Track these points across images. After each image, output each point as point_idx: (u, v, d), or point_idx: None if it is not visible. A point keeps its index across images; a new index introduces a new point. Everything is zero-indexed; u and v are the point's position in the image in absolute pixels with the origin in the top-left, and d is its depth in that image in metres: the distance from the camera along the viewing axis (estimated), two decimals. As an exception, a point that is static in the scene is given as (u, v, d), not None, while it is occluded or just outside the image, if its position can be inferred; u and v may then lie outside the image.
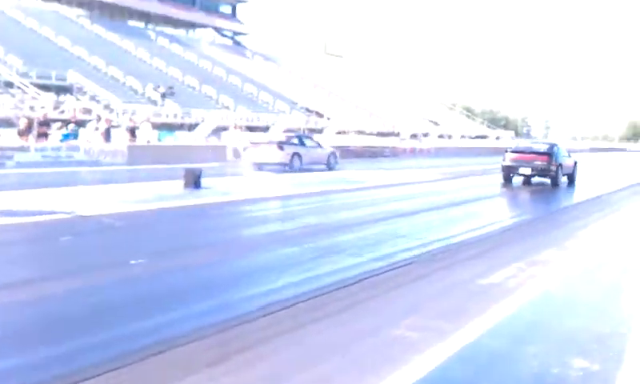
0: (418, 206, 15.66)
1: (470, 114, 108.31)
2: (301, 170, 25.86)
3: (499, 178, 22.43)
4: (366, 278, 7.71)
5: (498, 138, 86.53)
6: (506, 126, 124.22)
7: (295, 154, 26.70)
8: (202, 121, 46.95)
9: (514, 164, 21.99)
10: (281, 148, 26.33)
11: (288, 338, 5.48)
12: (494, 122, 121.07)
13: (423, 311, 6.41)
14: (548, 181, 21.89)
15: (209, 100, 56.58)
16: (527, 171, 21.74)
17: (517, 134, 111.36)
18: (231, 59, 73.06)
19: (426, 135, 70.10)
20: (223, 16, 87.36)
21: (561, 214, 15.46)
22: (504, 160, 22.39)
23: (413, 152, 50.44)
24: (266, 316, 6.05)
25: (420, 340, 5.48)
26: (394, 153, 47.49)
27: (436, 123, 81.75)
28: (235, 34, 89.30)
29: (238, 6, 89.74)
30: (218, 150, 32.36)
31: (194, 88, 58.42)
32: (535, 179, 22.33)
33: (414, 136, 66.29)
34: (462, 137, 78.10)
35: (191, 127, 46.69)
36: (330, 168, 28.48)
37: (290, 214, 13.86)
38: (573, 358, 5.07)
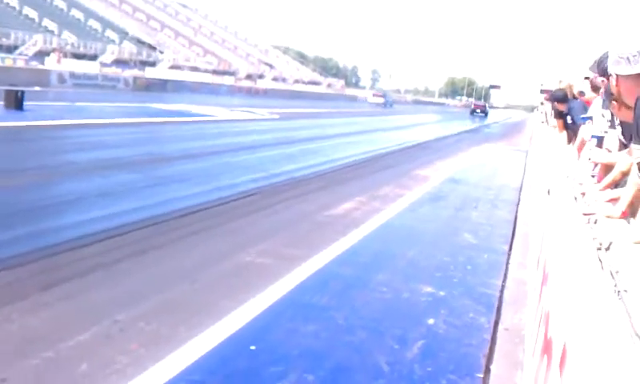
0: (259, 141, 15.51)
1: (303, 59, 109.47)
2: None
3: (331, 121, 22.85)
4: (211, 207, 7.46)
5: (329, 86, 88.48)
6: (336, 75, 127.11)
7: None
8: (23, 43, 43.21)
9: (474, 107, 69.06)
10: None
11: (129, 264, 5.06)
12: (326, 69, 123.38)
13: (272, 239, 6.30)
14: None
15: (31, 23, 52.11)
16: (478, 110, 65.80)
17: (347, 84, 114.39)
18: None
19: (261, 77, 69.96)
20: None
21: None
22: (472, 106, 69.86)
23: (249, 91, 50.08)
24: (103, 241, 5.59)
25: (271, 266, 5.36)
26: (230, 91, 46.85)
27: (271, 66, 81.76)
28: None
29: None
30: (42, 73, 29.91)
31: (13, 8, 53.41)
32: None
33: (249, 77, 65.89)
34: (296, 81, 78.86)
35: (10, 49, 42.81)
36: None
37: (127, 142, 13.02)
38: (419, 285, 5.21)
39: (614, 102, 3.24)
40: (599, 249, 2.07)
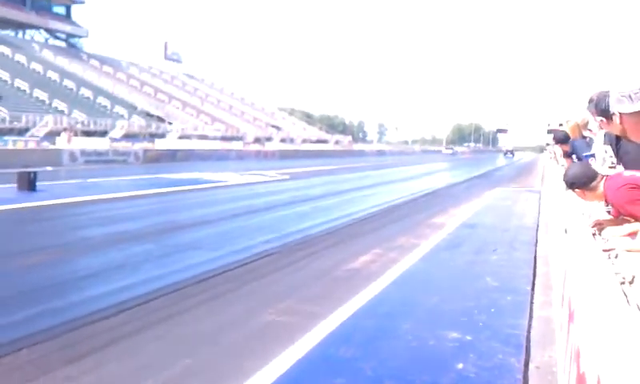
0: (271, 202, 15.58)
1: (309, 118, 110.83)
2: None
3: (341, 177, 22.90)
4: (228, 271, 7.45)
5: (337, 143, 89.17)
6: (343, 131, 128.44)
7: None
8: (34, 125, 44.05)
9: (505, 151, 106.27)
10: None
11: (151, 332, 5.04)
12: (333, 127, 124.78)
13: (292, 298, 6.27)
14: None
15: (41, 104, 53.20)
16: (509, 153, 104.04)
17: (354, 139, 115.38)
18: (65, 62, 69.02)
19: (269, 139, 70.65)
20: (57, 17, 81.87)
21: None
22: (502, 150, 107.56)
23: (257, 155, 50.50)
24: (123, 312, 5.57)
25: (293, 324, 5.32)
26: (240, 156, 47.27)
27: (278, 128, 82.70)
28: (69, 36, 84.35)
29: (74, 7, 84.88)
30: (53, 153, 30.35)
31: (24, 91, 54.62)
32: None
33: (257, 140, 66.54)
34: (304, 141, 79.57)
35: (22, 132, 43.62)
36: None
37: (140, 214, 13.13)
38: (445, 331, 5.15)
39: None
40: (623, 283, 2.07)
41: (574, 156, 7.69)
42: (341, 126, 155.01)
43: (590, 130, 7.60)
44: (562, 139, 8.18)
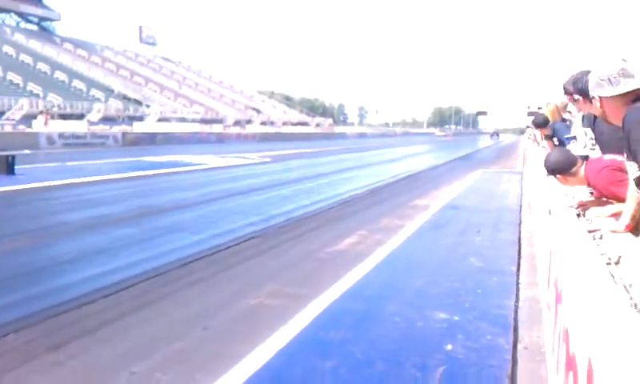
0: (253, 185, 15.50)
1: (289, 101, 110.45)
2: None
3: (323, 160, 22.84)
4: (211, 254, 7.39)
5: (318, 125, 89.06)
6: (324, 114, 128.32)
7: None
8: (9, 108, 43.39)
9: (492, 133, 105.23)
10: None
11: (136, 317, 4.97)
12: (313, 109, 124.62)
13: (277, 281, 6.22)
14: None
15: (15, 88, 52.43)
16: (495, 135, 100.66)
17: (334, 122, 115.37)
18: (38, 45, 68.01)
19: (249, 122, 70.34)
20: (27, 1, 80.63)
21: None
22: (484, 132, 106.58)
23: (238, 138, 50.26)
24: (106, 297, 5.49)
25: (280, 307, 5.28)
26: (220, 138, 47.02)
27: (258, 111, 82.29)
28: (41, 19, 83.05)
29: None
30: (31, 136, 29.93)
31: (-3, 75, 53.86)
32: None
33: (237, 123, 66.23)
34: (284, 124, 79.35)
35: (-4, 115, 43.01)
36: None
37: (121, 197, 12.97)
38: (432, 312, 5.13)
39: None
40: (609, 264, 2.06)
41: (554, 139, 7.73)
42: (321, 108, 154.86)
43: (569, 111, 7.64)
44: (540, 123, 8.23)
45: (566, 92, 5.43)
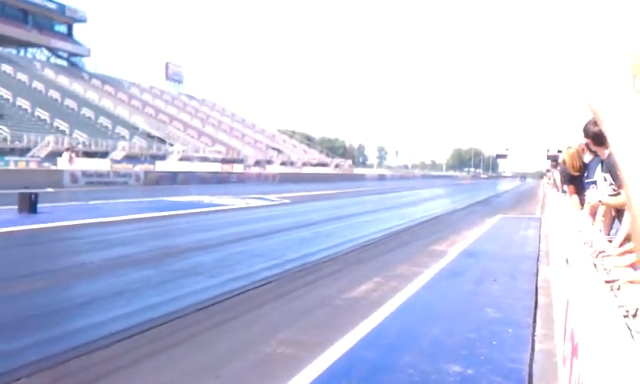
0: (272, 227, 15.57)
1: (309, 141, 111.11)
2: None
3: (342, 202, 22.83)
4: (227, 299, 7.42)
5: (337, 166, 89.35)
6: (343, 154, 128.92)
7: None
8: (35, 145, 44.16)
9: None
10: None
11: (149, 363, 4.98)
12: (333, 149, 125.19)
13: (292, 327, 6.22)
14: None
15: (42, 124, 53.40)
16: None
17: (354, 163, 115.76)
18: (67, 81, 69.44)
19: (269, 162, 70.79)
20: (58, 36, 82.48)
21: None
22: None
23: (258, 178, 50.56)
24: (121, 341, 5.53)
25: (293, 355, 5.28)
26: (241, 179, 47.34)
27: (279, 151, 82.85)
28: (71, 54, 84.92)
29: (75, 26, 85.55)
30: (55, 174, 30.40)
31: (26, 110, 54.87)
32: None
33: (258, 163, 66.68)
34: (304, 164, 79.74)
35: (23, 152, 43.71)
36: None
37: (140, 237, 13.09)
38: (446, 364, 5.10)
39: None
40: (626, 316, 2.04)
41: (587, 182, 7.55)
42: (341, 149, 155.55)
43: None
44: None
45: (586, 135, 5.44)
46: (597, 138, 5.34)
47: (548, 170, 29.67)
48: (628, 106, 0.84)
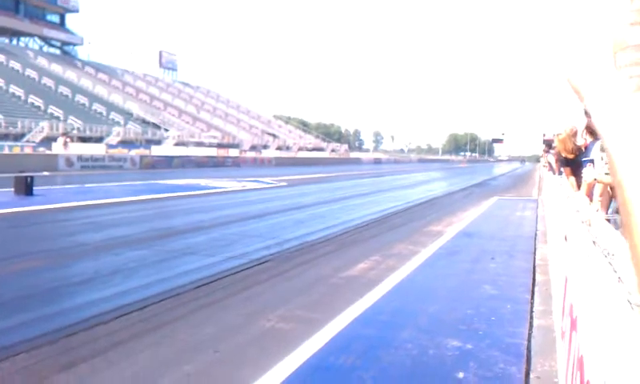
0: (268, 209, 15.54)
1: (305, 127, 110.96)
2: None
3: (338, 185, 22.83)
4: (225, 277, 7.39)
5: (333, 151, 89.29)
6: (339, 140, 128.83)
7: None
8: (30, 130, 44.00)
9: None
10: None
11: (148, 339, 4.96)
12: (329, 135, 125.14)
13: (290, 304, 6.20)
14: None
15: (37, 110, 53.19)
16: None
17: (350, 147, 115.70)
18: (60, 69, 69.13)
19: (265, 147, 70.69)
20: (51, 25, 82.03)
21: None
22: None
23: (254, 162, 50.50)
24: (119, 318, 5.50)
25: (292, 331, 5.26)
26: (236, 163, 47.28)
27: (274, 136, 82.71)
28: (64, 43, 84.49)
29: (68, 16, 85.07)
30: (50, 158, 30.28)
31: (19, 97, 54.62)
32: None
33: (253, 148, 66.58)
34: (300, 149, 79.64)
35: (18, 137, 43.54)
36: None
37: (137, 219, 13.05)
38: (445, 339, 5.09)
39: None
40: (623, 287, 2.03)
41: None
42: (337, 134, 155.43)
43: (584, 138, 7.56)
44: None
45: (587, 114, 5.44)
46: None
47: (544, 152, 29.62)
48: (609, 83, 0.83)
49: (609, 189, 5.66)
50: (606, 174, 5.16)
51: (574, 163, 7.74)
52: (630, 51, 0.92)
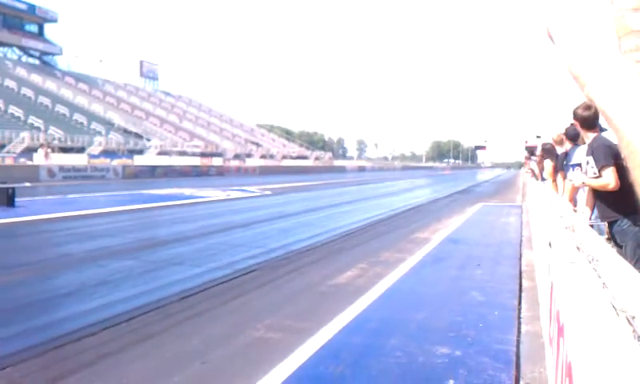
0: (253, 218, 15.49)
1: (289, 135, 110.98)
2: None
3: (323, 193, 22.87)
4: (211, 287, 7.35)
5: (317, 159, 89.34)
6: (323, 148, 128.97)
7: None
8: (10, 141, 43.60)
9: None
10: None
11: (135, 351, 4.91)
12: (312, 143, 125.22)
13: (278, 314, 6.18)
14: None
15: (16, 121, 52.71)
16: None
17: (334, 155, 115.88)
18: (40, 79, 68.57)
19: (249, 155, 70.57)
20: (29, 35, 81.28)
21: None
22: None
23: (238, 171, 50.40)
24: (106, 330, 5.45)
25: (280, 340, 5.24)
26: (220, 172, 47.17)
27: (258, 144, 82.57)
28: (43, 53, 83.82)
29: (47, 26, 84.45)
30: (31, 169, 30.01)
31: (-1, 108, 54.20)
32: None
33: (237, 156, 66.43)
34: (284, 157, 79.60)
35: (-3, 148, 43.18)
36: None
37: (121, 229, 12.94)
38: (434, 347, 5.09)
39: None
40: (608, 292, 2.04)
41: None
42: (320, 142, 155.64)
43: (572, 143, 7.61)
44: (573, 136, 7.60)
45: (575, 117, 5.50)
46: (585, 122, 5.39)
47: (526, 159, 29.82)
48: (615, 68, 0.84)
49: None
50: (591, 177, 5.21)
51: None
52: (634, 36, 0.92)
